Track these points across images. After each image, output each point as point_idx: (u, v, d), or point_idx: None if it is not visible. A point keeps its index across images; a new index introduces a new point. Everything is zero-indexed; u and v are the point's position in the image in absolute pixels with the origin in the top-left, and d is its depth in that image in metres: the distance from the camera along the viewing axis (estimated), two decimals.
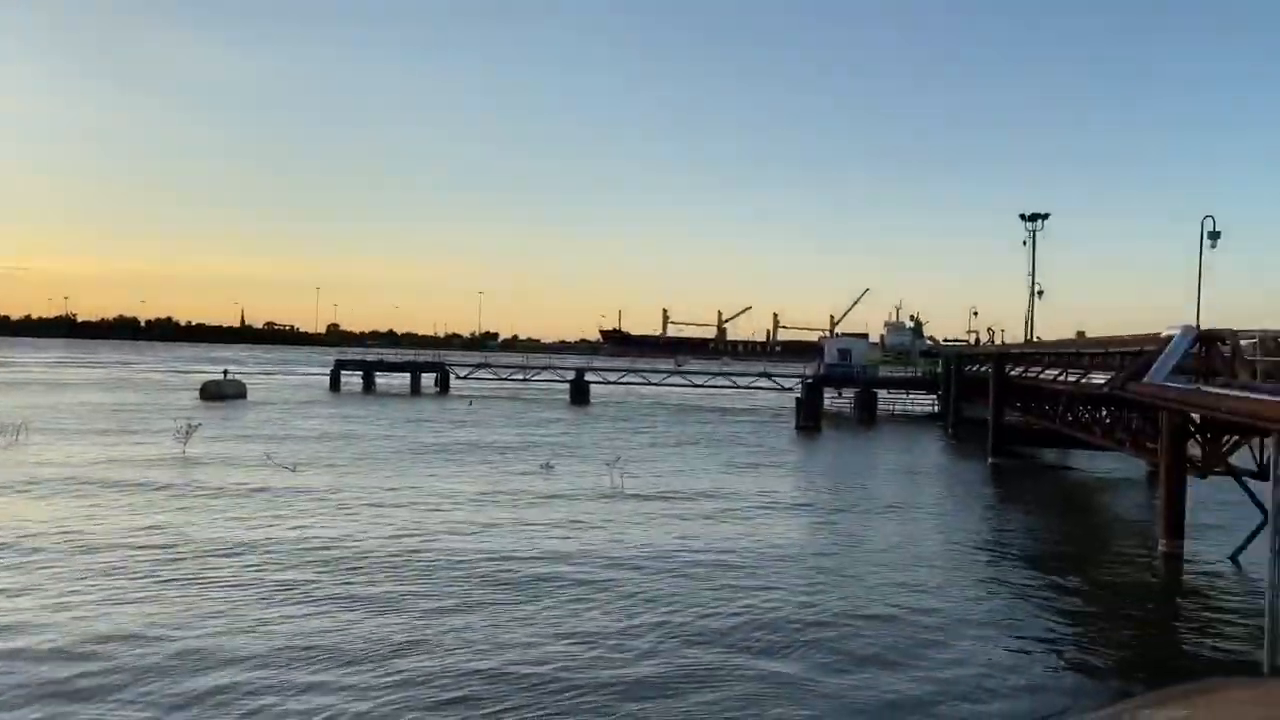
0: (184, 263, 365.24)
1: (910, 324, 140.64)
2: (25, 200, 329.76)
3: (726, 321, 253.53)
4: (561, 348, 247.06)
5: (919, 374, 65.31)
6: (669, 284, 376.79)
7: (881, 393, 63.06)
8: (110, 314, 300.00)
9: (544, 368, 75.18)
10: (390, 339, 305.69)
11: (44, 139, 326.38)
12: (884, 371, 65.46)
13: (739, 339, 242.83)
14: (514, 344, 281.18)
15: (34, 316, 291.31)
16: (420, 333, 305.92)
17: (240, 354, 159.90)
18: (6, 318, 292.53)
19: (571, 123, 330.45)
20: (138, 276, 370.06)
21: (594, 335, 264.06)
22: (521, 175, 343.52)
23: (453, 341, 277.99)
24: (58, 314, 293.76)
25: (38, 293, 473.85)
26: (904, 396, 65.91)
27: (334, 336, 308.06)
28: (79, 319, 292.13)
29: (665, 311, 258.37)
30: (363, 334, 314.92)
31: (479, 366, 75.95)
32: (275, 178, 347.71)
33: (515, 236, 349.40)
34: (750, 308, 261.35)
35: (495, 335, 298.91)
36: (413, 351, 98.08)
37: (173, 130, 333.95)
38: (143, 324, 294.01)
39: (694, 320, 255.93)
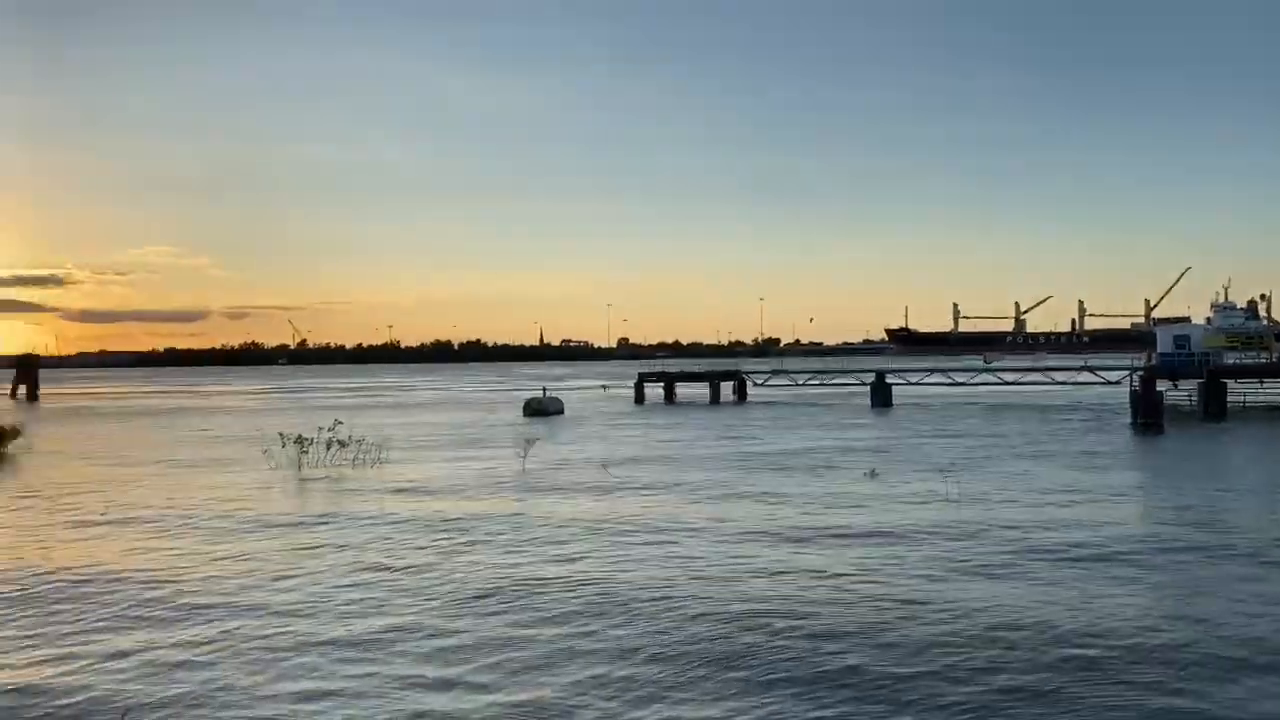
0: (490, 287, 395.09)
1: (1243, 305, 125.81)
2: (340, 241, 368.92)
3: (1025, 313, 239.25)
4: (845, 349, 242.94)
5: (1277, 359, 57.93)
6: (956, 277, 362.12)
7: (1229, 383, 56.48)
8: (428, 339, 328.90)
9: (839, 371, 73.94)
10: (677, 350, 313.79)
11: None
12: (1231, 358, 58.57)
13: (1039, 331, 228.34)
14: (796, 348, 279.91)
15: (364, 345, 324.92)
16: (705, 342, 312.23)
17: (541, 370, 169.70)
18: (341, 346, 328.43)
19: (844, 119, 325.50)
20: (449, 304, 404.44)
21: (879, 335, 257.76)
22: (787, 179, 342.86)
23: (737, 349, 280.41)
24: (383, 342, 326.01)
25: (363, 322, 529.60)
26: (1257, 386, 58.75)
27: (625, 350, 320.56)
28: (402, 345, 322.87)
29: (955, 306, 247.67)
30: (651, 346, 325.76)
31: (774, 373, 75.97)
32: (561, 202, 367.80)
33: (791, 241, 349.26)
34: (1050, 297, 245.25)
35: (777, 340, 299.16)
36: (706, 361, 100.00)
37: (464, 163, 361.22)
38: (456, 347, 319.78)
39: (986, 313, 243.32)
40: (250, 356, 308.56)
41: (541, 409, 61.85)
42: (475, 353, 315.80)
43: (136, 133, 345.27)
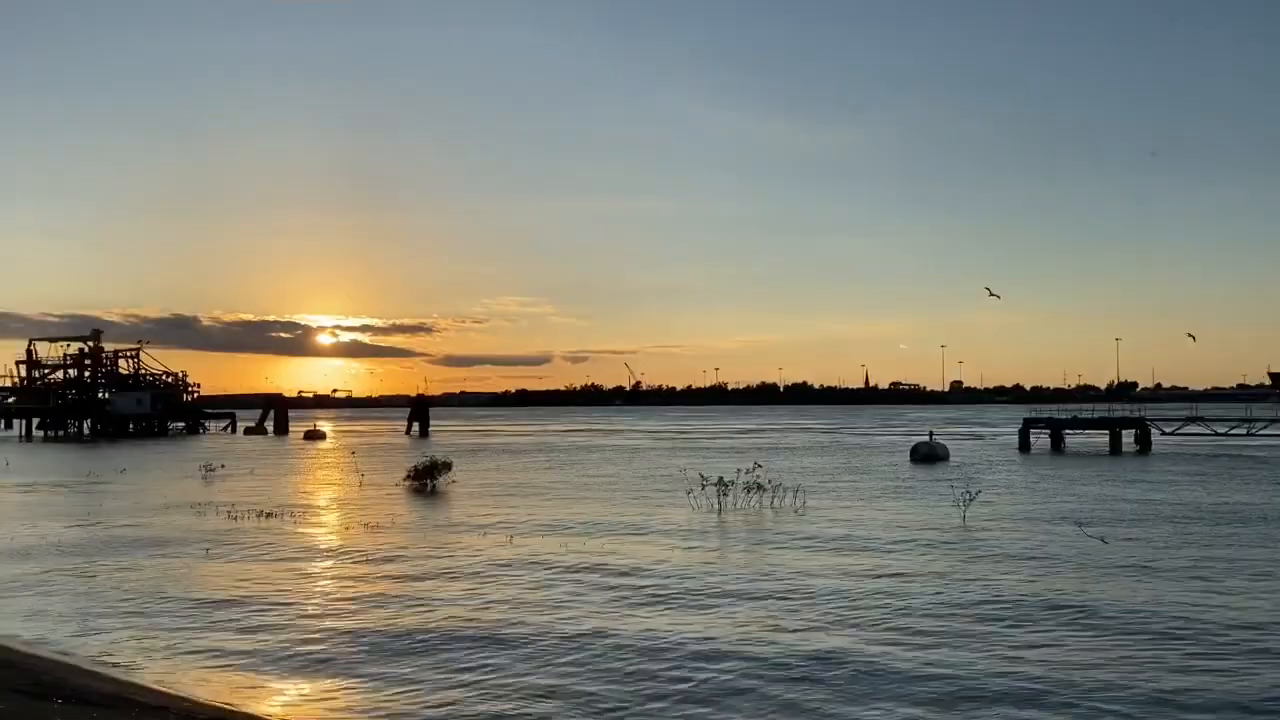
0: (814, 331, 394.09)
1: None
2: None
3: None
4: (1216, 395, 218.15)
5: None
6: None
7: None
8: (754, 381, 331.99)
9: (1274, 420, 64.40)
10: (1019, 394, 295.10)
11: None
12: None
13: None
14: (1157, 393, 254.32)
15: (693, 387, 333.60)
16: (1049, 385, 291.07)
17: (873, 413, 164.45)
18: (673, 388, 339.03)
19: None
20: (774, 347, 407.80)
21: (1256, 379, 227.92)
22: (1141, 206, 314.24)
23: (1086, 393, 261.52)
24: (710, 384, 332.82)
25: (692, 365, 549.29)
26: None
27: (959, 394, 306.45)
28: (729, 387, 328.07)
29: None
30: (990, 390, 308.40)
31: (1189, 420, 67.54)
32: (882, 241, 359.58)
33: (1147, 277, 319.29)
34: None
35: (1133, 385, 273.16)
36: (1070, 407, 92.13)
37: (782, 207, 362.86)
38: (781, 389, 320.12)
39: None
40: (590, 397, 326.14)
41: (931, 454, 58.57)
42: (800, 395, 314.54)
43: (487, 193, 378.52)
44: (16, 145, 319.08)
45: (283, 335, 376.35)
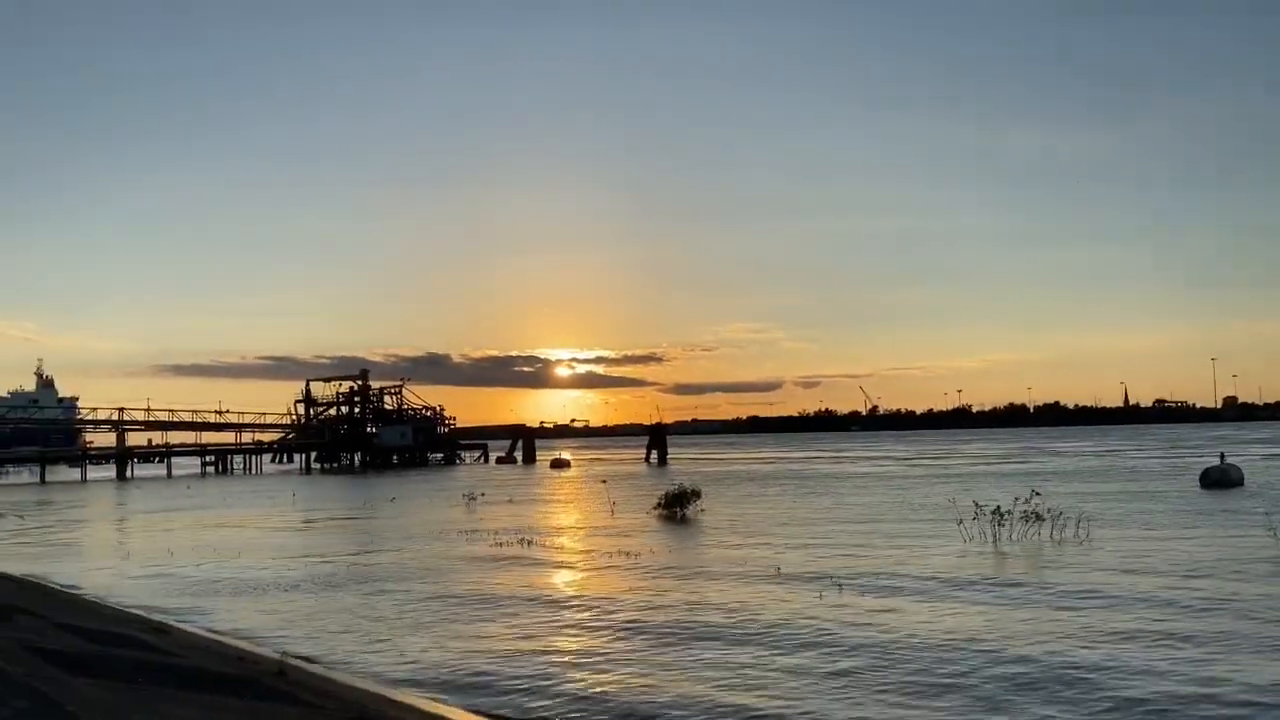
0: (1065, 347, 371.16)
1: None
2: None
3: None
4: None
5: None
6: None
7: None
8: (1000, 403, 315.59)
9: None
10: None
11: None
12: None
13: None
14: None
15: (933, 410, 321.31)
16: None
17: (1138, 433, 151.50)
18: (911, 411, 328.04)
19: None
20: (1021, 365, 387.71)
21: None
22: None
23: None
24: (953, 406, 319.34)
25: (932, 388, 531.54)
26: None
27: (1233, 410, 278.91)
28: (973, 409, 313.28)
29: None
30: (1271, 405, 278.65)
31: None
32: (1142, 244, 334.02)
33: None
34: None
35: None
36: None
37: (1024, 218, 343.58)
38: (1031, 410, 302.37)
39: None
40: (825, 422, 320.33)
41: (1224, 479, 52.94)
42: (1053, 416, 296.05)
43: (712, 221, 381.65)
44: (293, 211, 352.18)
45: (525, 369, 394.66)
